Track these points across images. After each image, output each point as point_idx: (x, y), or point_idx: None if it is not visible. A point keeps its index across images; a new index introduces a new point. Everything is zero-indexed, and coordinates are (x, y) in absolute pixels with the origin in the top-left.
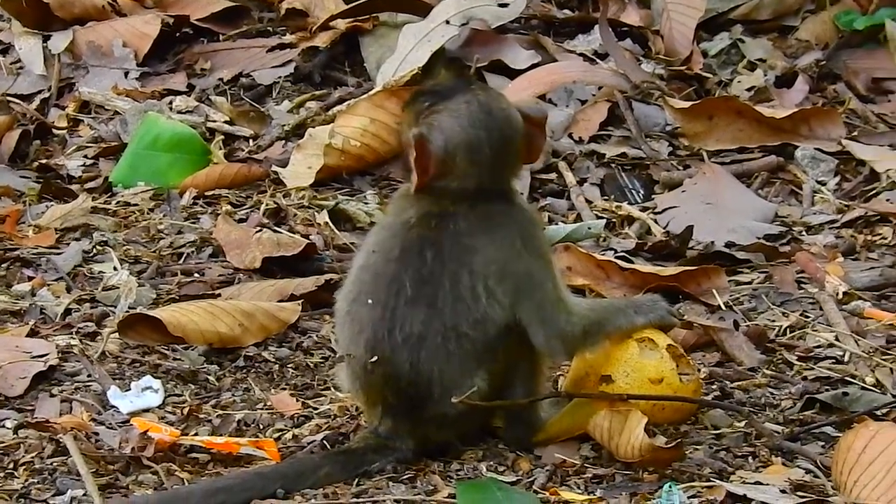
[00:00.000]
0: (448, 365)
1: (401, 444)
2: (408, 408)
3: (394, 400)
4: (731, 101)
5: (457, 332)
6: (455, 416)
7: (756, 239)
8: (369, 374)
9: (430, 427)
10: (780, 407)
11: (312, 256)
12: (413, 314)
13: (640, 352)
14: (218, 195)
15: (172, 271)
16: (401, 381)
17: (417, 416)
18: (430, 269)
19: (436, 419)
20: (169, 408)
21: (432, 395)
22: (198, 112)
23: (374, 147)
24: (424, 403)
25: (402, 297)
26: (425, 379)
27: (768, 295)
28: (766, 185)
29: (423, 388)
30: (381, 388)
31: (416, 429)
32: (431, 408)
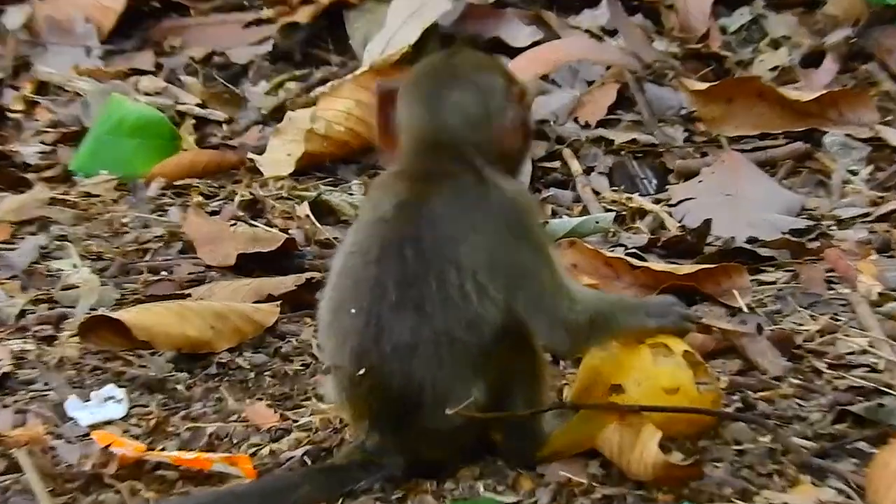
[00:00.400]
0: (442, 374)
1: (390, 461)
2: (398, 421)
3: (383, 413)
4: (753, 83)
5: (450, 338)
6: (450, 430)
7: (781, 234)
8: (356, 386)
9: (421, 442)
10: (808, 420)
11: (292, 253)
12: (400, 321)
13: (653, 359)
14: (188, 185)
15: (138, 269)
16: (391, 392)
17: (408, 430)
18: (413, 270)
19: (428, 433)
20: (133, 420)
21: (424, 407)
22: (166, 94)
23: (359, 132)
24: (416, 416)
25: (386, 303)
26: (417, 390)
27: (795, 296)
28: (791, 174)
29: (415, 400)
30: (369, 400)
31: (407, 444)
32: (423, 421)
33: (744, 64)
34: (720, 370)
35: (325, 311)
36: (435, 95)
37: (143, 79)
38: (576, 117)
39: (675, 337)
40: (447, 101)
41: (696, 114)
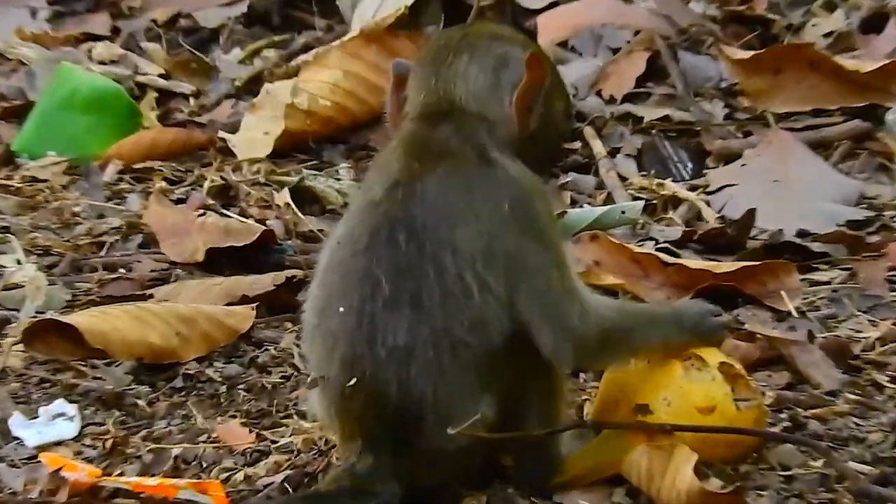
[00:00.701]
0: (443, 385)
1: (384, 487)
2: (394, 440)
3: (377, 431)
4: (804, 51)
5: (451, 340)
6: (453, 451)
7: (836, 226)
8: (347, 399)
9: (421, 465)
10: (866, 441)
11: (270, 247)
12: (395, 319)
13: (684, 373)
14: (150, 168)
15: (92, 265)
16: (386, 407)
17: (406, 452)
18: (407, 257)
19: (428, 455)
20: (87, 440)
21: (424, 424)
22: (124, 62)
23: (347, 107)
24: (415, 435)
25: (378, 299)
26: (416, 404)
27: (852, 298)
28: (847, 157)
29: (414, 416)
30: (362, 416)
31: (404, 467)
32: (423, 441)
33: (794, 29)
34: (765, 384)
35: (310, 313)
36: (442, 61)
37: (97, 45)
38: (599, 90)
39: (711, 348)
40: (454, 67)
41: (738, 87)
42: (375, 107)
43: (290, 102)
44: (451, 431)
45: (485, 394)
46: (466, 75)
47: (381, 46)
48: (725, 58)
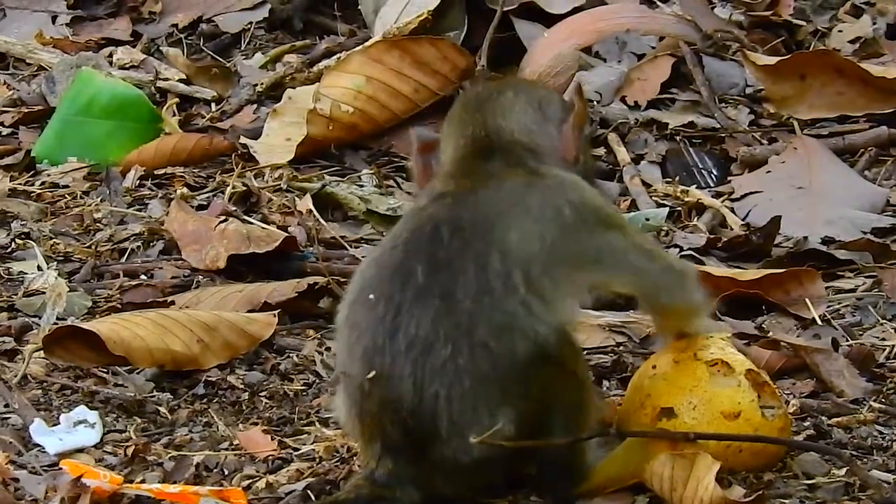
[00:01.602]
0: (458, 388)
1: (402, 495)
2: (411, 446)
3: (394, 433)
4: (830, 57)
5: (471, 340)
6: (470, 463)
7: (861, 233)
8: (366, 396)
9: (438, 473)
10: (891, 450)
11: (292, 254)
12: (422, 310)
13: (711, 378)
14: (171, 174)
15: (113, 272)
16: (402, 406)
17: (422, 459)
18: (447, 251)
19: (444, 465)
20: (109, 447)
21: (438, 430)
22: (145, 67)
23: (370, 113)
24: (430, 442)
25: (410, 289)
26: (430, 407)
27: (877, 306)
28: (874, 163)
29: (428, 421)
30: (380, 417)
31: (423, 474)
32: (438, 449)
33: (819, 34)
34: (789, 391)
35: (342, 307)
36: (483, 104)
37: (118, 50)
38: (623, 97)
39: (737, 353)
40: (499, 106)
41: (763, 93)
42: (398, 113)
43: (312, 108)
44: (473, 441)
45: (504, 406)
46: (513, 111)
47: (404, 52)
48: (750, 64)
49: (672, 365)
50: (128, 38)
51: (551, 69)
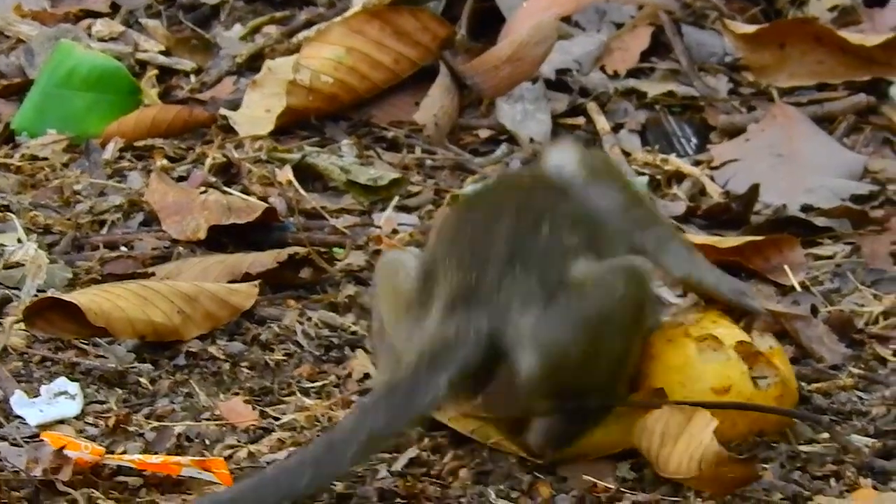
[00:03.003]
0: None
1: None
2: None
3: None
4: (809, 25)
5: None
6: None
7: (840, 201)
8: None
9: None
10: (870, 415)
11: (272, 224)
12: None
13: (699, 354)
14: (150, 146)
15: (93, 244)
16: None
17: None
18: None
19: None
20: (90, 418)
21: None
22: (124, 39)
23: (350, 84)
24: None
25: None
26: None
27: (856, 272)
28: (852, 131)
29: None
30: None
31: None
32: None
33: (798, 3)
34: None
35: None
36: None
37: (96, 22)
38: (602, 66)
39: (730, 323)
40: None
41: (742, 61)
42: (378, 83)
43: (292, 79)
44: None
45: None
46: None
47: (384, 22)
48: (730, 32)
49: (665, 344)
50: (107, 10)
51: (530, 38)
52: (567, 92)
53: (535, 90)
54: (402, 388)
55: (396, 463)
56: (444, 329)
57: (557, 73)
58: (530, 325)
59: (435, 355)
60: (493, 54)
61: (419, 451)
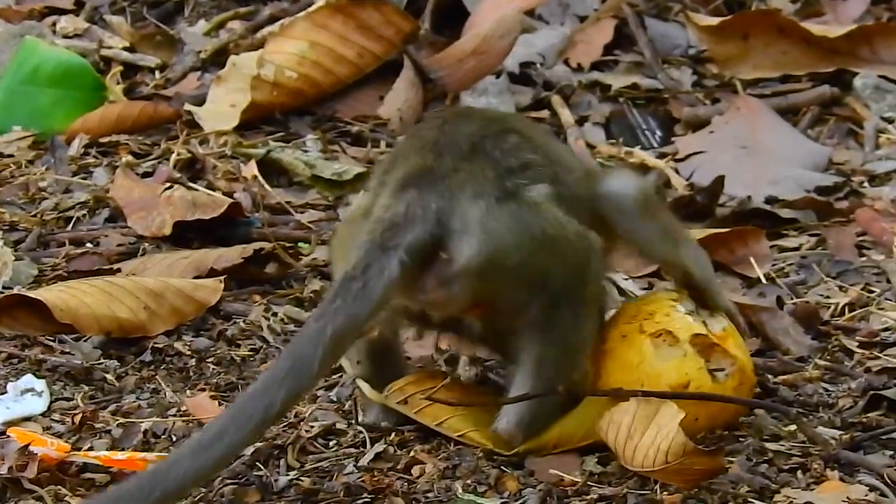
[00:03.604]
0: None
1: None
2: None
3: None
4: (772, 17)
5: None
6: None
7: (805, 192)
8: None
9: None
10: (836, 407)
11: (237, 220)
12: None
13: (655, 351)
14: (116, 142)
15: (59, 240)
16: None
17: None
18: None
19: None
20: (56, 415)
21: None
22: (89, 36)
23: (314, 78)
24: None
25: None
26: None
27: (821, 264)
28: (816, 123)
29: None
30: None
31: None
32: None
33: None
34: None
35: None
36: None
37: (61, 19)
38: (566, 59)
39: (684, 319)
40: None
41: (706, 53)
42: (343, 78)
43: (257, 74)
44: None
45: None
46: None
47: (348, 16)
48: (693, 25)
49: (619, 340)
50: (71, 7)
51: (494, 32)
52: (531, 85)
53: (499, 84)
54: (357, 277)
55: (363, 458)
56: (395, 207)
57: (521, 66)
58: (478, 214)
59: (386, 235)
60: (457, 48)
61: (386, 445)
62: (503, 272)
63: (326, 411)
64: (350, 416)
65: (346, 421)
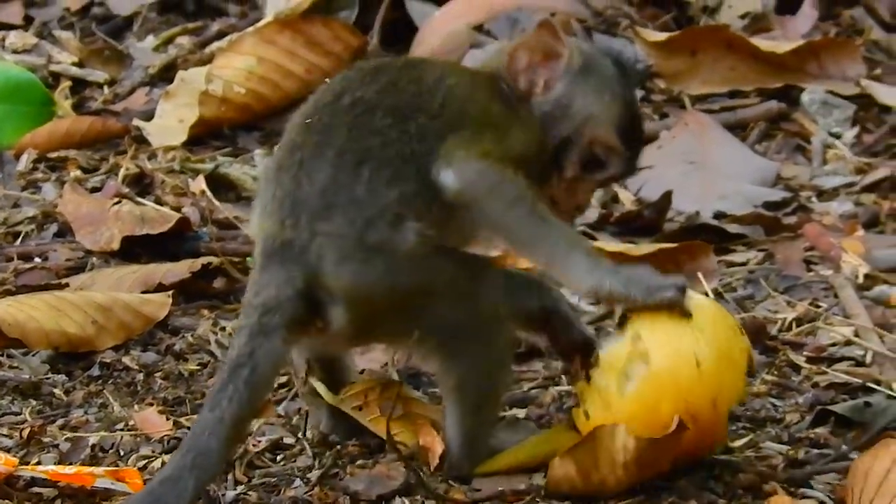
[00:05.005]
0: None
1: None
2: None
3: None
4: (721, 32)
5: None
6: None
7: (753, 207)
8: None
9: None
10: (784, 422)
11: (186, 234)
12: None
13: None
14: (64, 157)
15: (7, 255)
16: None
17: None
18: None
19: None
20: (4, 429)
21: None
22: (38, 51)
23: (262, 94)
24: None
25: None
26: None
27: (769, 279)
28: (764, 138)
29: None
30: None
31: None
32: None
33: (710, 10)
34: None
35: None
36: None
37: (10, 34)
38: None
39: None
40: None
41: (654, 69)
42: (291, 93)
43: (205, 90)
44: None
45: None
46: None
47: (296, 32)
48: (641, 40)
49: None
50: (20, 23)
51: (443, 47)
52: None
53: None
54: (244, 363)
55: (311, 473)
56: (266, 290)
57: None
58: (344, 283)
59: (263, 320)
60: None
61: (334, 460)
62: (382, 324)
63: (274, 426)
64: (298, 430)
65: (294, 436)
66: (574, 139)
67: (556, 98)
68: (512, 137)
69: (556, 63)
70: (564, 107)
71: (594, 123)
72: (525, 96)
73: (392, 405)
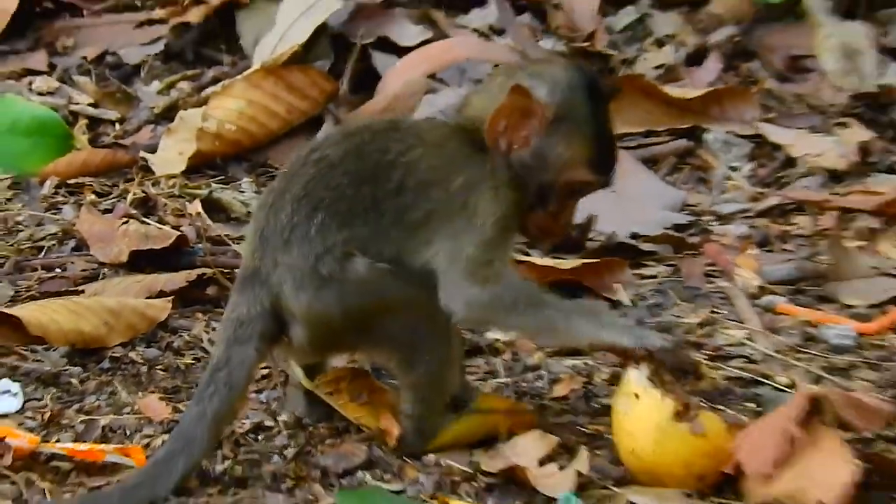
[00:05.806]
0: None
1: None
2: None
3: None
4: (638, 81)
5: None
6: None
7: (663, 229)
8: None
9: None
10: None
11: (183, 249)
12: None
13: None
14: (81, 183)
15: (32, 266)
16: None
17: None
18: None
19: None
20: (28, 413)
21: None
22: (60, 93)
23: (250, 131)
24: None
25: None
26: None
27: (675, 289)
28: (674, 171)
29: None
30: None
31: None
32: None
33: (629, 62)
34: (601, 361)
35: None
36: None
37: (36, 79)
38: None
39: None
40: (486, 85)
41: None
42: (274, 130)
43: (201, 127)
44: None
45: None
46: (485, 91)
47: (279, 79)
48: None
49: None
50: (45, 69)
51: (402, 93)
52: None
53: None
54: (222, 368)
55: (287, 451)
56: (239, 307)
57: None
58: (301, 306)
59: (238, 332)
60: (371, 106)
61: (307, 440)
62: (339, 341)
63: (256, 411)
64: (277, 414)
65: (273, 419)
66: (553, 182)
67: (533, 151)
68: (485, 212)
69: (531, 121)
70: (541, 157)
71: (569, 167)
72: (505, 153)
73: (360, 393)
